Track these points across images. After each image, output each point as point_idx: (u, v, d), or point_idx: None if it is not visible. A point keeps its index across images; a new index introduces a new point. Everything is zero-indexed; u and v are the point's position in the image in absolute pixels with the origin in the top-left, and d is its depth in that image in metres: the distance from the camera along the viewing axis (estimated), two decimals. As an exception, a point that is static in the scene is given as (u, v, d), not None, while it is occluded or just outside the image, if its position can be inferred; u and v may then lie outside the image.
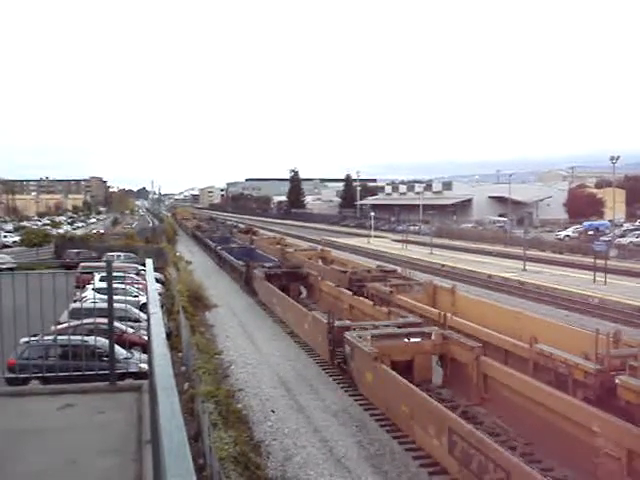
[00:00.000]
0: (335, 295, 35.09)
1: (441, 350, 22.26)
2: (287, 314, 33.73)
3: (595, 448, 14.31)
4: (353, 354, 22.11)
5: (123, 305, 13.28)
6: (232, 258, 54.46)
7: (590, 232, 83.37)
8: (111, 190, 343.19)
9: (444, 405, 17.36)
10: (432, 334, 22.38)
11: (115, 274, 8.49)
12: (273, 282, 39.20)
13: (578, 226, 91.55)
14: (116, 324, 8.65)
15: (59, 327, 15.45)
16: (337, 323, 24.85)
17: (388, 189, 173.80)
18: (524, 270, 52.87)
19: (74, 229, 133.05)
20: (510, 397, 18.53)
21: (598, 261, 45.81)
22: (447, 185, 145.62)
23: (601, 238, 66.20)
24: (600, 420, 14.53)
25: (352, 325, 24.83)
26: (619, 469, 13.53)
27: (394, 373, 19.49)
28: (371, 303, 30.27)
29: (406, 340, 22.37)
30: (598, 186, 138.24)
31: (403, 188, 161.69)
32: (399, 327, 23.84)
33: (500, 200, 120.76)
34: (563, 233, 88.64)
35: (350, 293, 33.28)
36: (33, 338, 15.15)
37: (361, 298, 31.91)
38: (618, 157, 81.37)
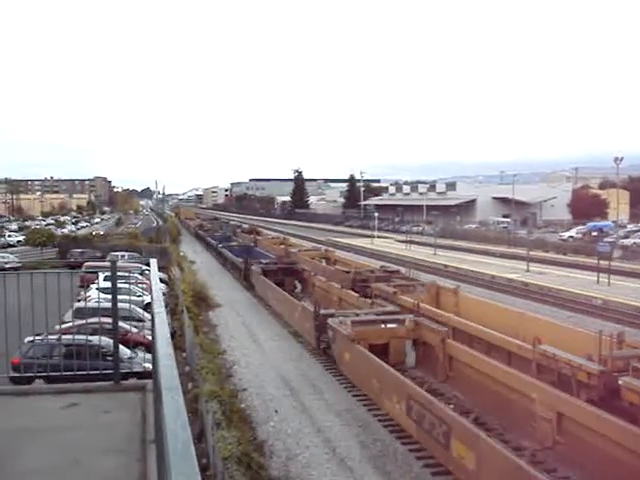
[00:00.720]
0: (326, 289, 37.30)
1: (414, 335, 24.71)
2: (280, 306, 36.37)
3: (533, 413, 16.66)
4: (334, 337, 24.73)
5: (127, 305, 13.28)
6: (232, 255, 56.44)
7: (594, 233, 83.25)
8: (115, 190, 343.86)
9: (413, 382, 19.53)
10: (406, 320, 24.73)
11: (119, 274, 8.51)
12: (269, 277, 41.52)
13: (582, 227, 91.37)
14: (120, 324, 8.66)
15: (63, 326, 15.49)
16: (322, 311, 27.03)
17: (392, 189, 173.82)
18: (527, 271, 52.81)
19: (78, 229, 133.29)
20: (470, 374, 21.04)
21: (602, 262, 45.73)
22: (451, 186, 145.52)
23: (605, 239, 66.04)
24: (537, 388, 16.93)
25: (335, 313, 27.04)
26: (551, 429, 15.99)
27: (367, 352, 21.94)
28: (356, 295, 32.33)
29: (382, 326, 24.59)
30: (602, 187, 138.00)
31: (407, 189, 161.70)
32: (378, 315, 25.92)
33: (504, 201, 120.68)
34: (567, 234, 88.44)
35: (339, 286, 35.44)
36: (37, 337, 15.17)
37: (348, 291, 33.91)
38: (622, 158, 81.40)
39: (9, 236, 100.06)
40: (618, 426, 13.99)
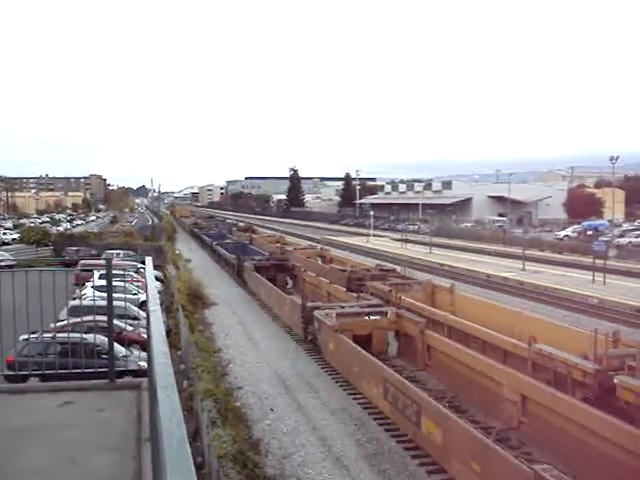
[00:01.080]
0: (315, 284, 39.57)
1: (396, 326, 26.51)
2: (271, 300, 38.12)
3: (501, 396, 18.55)
4: (320, 328, 26.37)
5: (122, 303, 13.26)
6: (226, 252, 57.92)
7: (589, 232, 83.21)
8: (111, 188, 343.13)
9: (392, 368, 21.29)
10: (388, 312, 26.55)
11: (114, 272, 8.49)
12: (262, 273, 43.20)
13: (577, 226, 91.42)
14: (115, 322, 8.64)
15: (58, 324, 15.45)
16: (309, 304, 28.71)
17: (388, 188, 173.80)
18: (523, 270, 52.87)
19: (73, 227, 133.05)
20: (446, 361, 22.86)
21: (597, 261, 45.79)
22: (447, 184, 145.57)
23: (600, 238, 66.06)
24: (504, 374, 18.91)
25: (322, 306, 29.04)
26: (516, 410, 17.81)
27: (349, 340, 23.81)
28: (344, 289, 34.19)
29: (366, 318, 26.36)
30: (597, 186, 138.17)
31: (403, 187, 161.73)
32: (362, 307, 27.86)
33: (499, 200, 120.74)
34: (562, 233, 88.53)
35: (327, 281, 37.77)
36: (32, 335, 15.14)
37: (337, 286, 35.75)
38: (617, 157, 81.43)
39: (4, 234, 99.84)
40: (574, 406, 15.90)
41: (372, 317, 26.49)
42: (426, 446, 16.78)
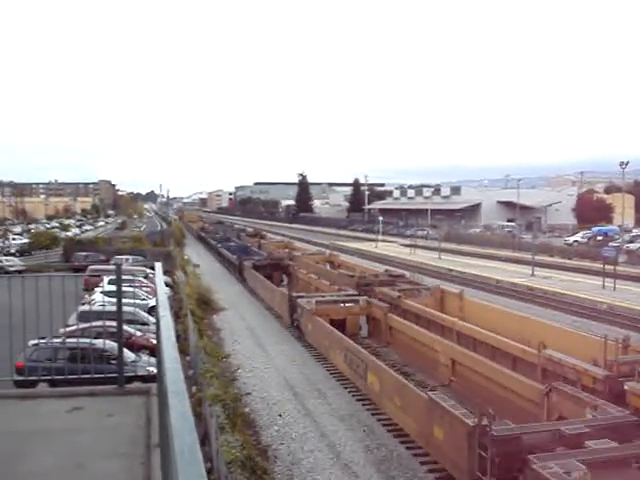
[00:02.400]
0: (307, 280, 44.55)
1: (366, 312, 31.77)
2: (265, 293, 42.62)
3: (437, 361, 23.85)
4: (302, 313, 31.17)
5: (132, 308, 13.28)
6: (228, 253, 63.52)
7: (599, 237, 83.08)
8: (120, 193, 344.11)
9: (362, 346, 25.24)
10: (360, 300, 31.54)
11: (124, 277, 8.49)
12: (260, 271, 47.44)
13: (587, 231, 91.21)
14: (124, 327, 8.64)
15: (68, 330, 15.47)
16: (294, 294, 34.06)
17: (396, 193, 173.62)
18: (532, 275, 52.72)
19: (82, 232, 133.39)
20: (402, 338, 28.21)
21: (607, 267, 45.66)
22: (455, 190, 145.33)
23: (610, 244, 65.97)
24: (440, 343, 24.31)
25: (305, 295, 33.83)
26: (448, 372, 22.95)
27: (321, 320, 28.72)
28: (328, 283, 39.53)
29: (342, 305, 31.44)
30: (607, 191, 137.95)
31: (411, 192, 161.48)
32: (339, 296, 33.14)
33: (509, 205, 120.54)
34: (572, 238, 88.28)
35: (316, 277, 43.54)
36: (42, 340, 15.17)
37: (322, 280, 41.39)
38: (627, 162, 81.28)
39: (13, 239, 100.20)
40: (491, 366, 20.78)
41: (347, 304, 31.51)
42: (369, 394, 21.67)
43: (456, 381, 20.92)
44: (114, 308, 8.45)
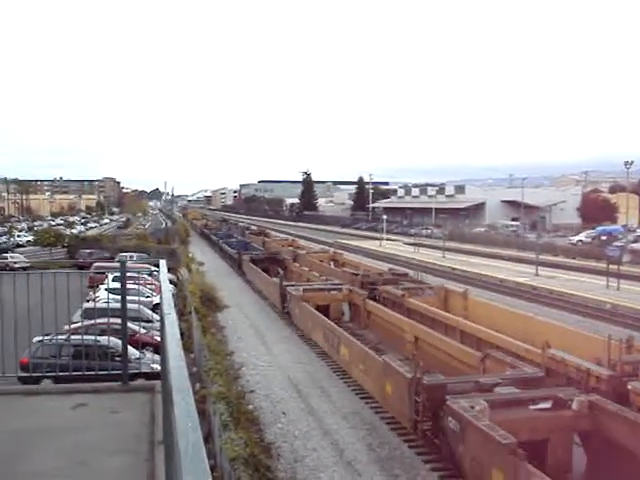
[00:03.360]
0: (299, 272, 48.22)
1: (348, 298, 35.23)
2: (261, 284, 46.36)
3: (404, 339, 27.15)
4: (291, 300, 35.04)
5: (136, 305, 13.28)
6: (229, 248, 67.13)
7: (603, 237, 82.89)
8: (124, 191, 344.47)
9: (343, 329, 27.62)
10: (342, 288, 35.26)
11: (128, 274, 8.51)
12: (257, 265, 50.82)
13: (591, 231, 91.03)
14: (129, 324, 8.66)
15: (72, 327, 15.51)
16: (285, 283, 37.47)
17: (401, 192, 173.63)
18: (537, 275, 52.66)
19: (87, 229, 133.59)
20: (379, 321, 31.49)
21: (611, 266, 45.58)
22: (460, 189, 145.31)
23: (614, 243, 65.83)
24: (406, 323, 27.81)
25: (295, 284, 37.86)
26: (413, 347, 25.49)
27: (307, 305, 32.45)
28: (317, 274, 44.04)
29: (326, 292, 35.18)
30: (612, 191, 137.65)
31: (416, 191, 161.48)
32: (325, 285, 37.27)
33: (513, 204, 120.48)
34: (576, 238, 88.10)
35: (307, 269, 48.11)
36: (46, 337, 15.20)
37: (313, 272, 45.80)
38: (632, 162, 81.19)
39: (18, 236, 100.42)
40: (443, 341, 24.37)
41: (331, 292, 35.26)
42: (341, 363, 25.46)
43: (417, 354, 21.60)
44: (118, 305, 8.48)
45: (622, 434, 14.43)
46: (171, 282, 37.14)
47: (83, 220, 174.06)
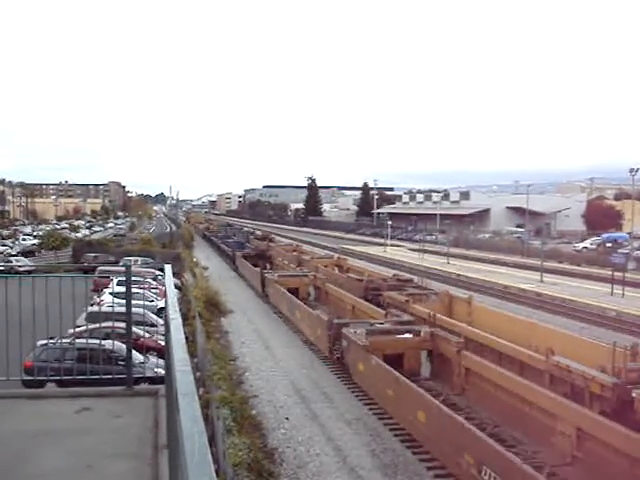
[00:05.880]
0: (281, 265, 58.49)
1: (313, 283, 43.23)
2: (247, 274, 56.29)
3: (346, 308, 35.07)
4: (268, 282, 43.96)
5: (140, 310, 13.31)
6: (226, 247, 77.85)
7: (608, 244, 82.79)
8: (129, 195, 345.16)
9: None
10: (308, 275, 44.47)
11: (133, 279, 8.52)
12: (248, 260, 60.30)
13: (596, 238, 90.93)
14: (133, 329, 8.66)
15: (76, 330, 15.51)
16: (265, 272, 47.65)
17: (405, 198, 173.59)
18: (541, 281, 52.62)
19: (92, 233, 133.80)
20: (333, 300, 39.83)
21: (616, 273, 45.53)
22: (465, 195, 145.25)
23: (619, 250, 65.72)
24: (348, 297, 36.05)
25: (272, 272, 48.25)
26: (350, 313, 32.83)
27: (281, 287, 40.59)
28: (294, 266, 54.11)
29: (296, 278, 44.29)
30: (617, 198, 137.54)
31: (420, 197, 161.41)
32: (295, 272, 47.44)
33: (518, 211, 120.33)
34: (581, 245, 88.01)
35: (287, 262, 58.08)
36: (50, 341, 15.20)
37: (291, 264, 55.96)
38: (638, 169, 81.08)
39: (23, 239, 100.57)
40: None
41: (301, 277, 44.47)
42: (295, 322, 35.21)
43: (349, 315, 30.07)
44: (123, 309, 8.48)
45: (446, 350, 23.46)
46: (175, 287, 37.20)
47: (88, 224, 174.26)
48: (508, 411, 19.38)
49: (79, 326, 16.30)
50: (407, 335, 25.06)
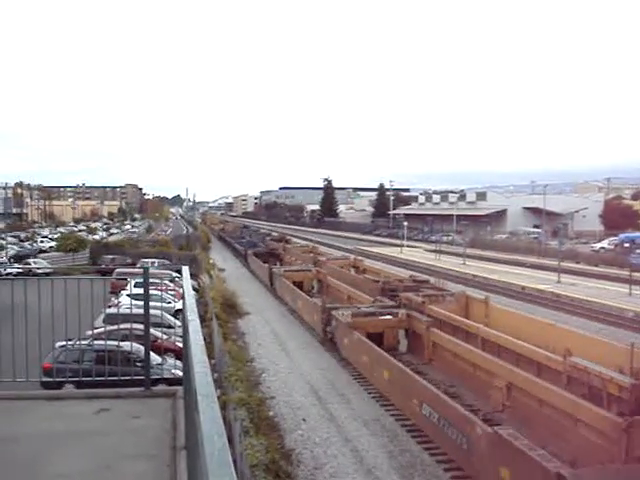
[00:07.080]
0: (288, 261, 62.74)
1: (316, 277, 49.42)
2: (257, 270, 61.13)
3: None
4: (275, 277, 48.83)
5: (158, 311, 13.34)
6: (239, 246, 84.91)
7: (626, 244, 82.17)
8: (146, 197, 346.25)
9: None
10: (312, 269, 50.72)
11: (150, 280, 8.57)
12: (259, 258, 64.18)
13: (614, 238, 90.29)
14: (151, 330, 8.71)
15: (95, 332, 15.61)
16: (272, 267, 52.82)
17: (421, 199, 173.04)
18: (559, 282, 52.33)
19: (109, 235, 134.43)
20: (332, 291, 44.85)
21: (634, 274, 45.23)
22: (481, 195, 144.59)
23: (637, 250, 65.34)
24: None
25: (279, 267, 52.91)
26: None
27: (287, 281, 45.55)
28: (300, 262, 58.82)
29: (300, 272, 49.85)
30: (634, 198, 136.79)
31: (436, 198, 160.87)
32: (300, 267, 53.19)
33: (535, 211, 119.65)
34: (598, 245, 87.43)
35: (294, 259, 62.84)
36: (69, 342, 15.30)
37: (298, 260, 61.07)
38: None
39: (41, 241, 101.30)
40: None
41: (305, 272, 50.46)
42: (298, 310, 39.49)
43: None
44: (140, 311, 8.53)
45: (418, 327, 28.43)
46: (193, 288, 37.34)
47: (105, 226, 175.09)
48: (461, 374, 24.32)
49: (97, 328, 16.41)
50: (387, 317, 29.85)
